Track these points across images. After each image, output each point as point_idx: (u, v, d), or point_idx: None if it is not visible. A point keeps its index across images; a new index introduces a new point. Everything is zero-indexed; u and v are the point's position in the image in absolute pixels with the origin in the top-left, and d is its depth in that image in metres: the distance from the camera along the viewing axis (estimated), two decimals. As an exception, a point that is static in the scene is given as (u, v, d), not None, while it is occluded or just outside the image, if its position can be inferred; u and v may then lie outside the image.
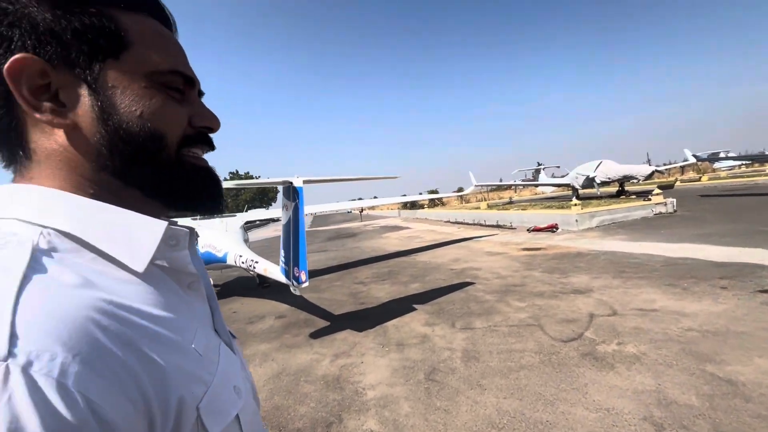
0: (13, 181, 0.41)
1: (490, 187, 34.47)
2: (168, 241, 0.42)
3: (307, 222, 57.46)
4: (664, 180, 27.63)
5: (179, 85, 0.45)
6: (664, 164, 27.37)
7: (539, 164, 29.02)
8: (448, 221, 22.62)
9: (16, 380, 0.26)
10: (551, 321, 4.56)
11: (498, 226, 16.42)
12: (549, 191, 29.32)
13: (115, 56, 0.40)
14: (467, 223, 19.76)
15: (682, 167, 29.70)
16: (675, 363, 3.23)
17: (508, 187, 37.33)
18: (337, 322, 5.53)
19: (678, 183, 25.20)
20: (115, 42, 0.40)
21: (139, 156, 0.42)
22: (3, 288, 0.30)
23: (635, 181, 21.02)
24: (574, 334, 4.08)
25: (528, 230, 13.47)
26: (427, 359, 3.92)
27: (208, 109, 0.49)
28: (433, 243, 13.71)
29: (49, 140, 0.40)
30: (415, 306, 5.88)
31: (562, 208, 13.50)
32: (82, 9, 0.39)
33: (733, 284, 5.10)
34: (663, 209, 12.73)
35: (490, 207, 20.98)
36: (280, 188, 5.17)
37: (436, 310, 5.53)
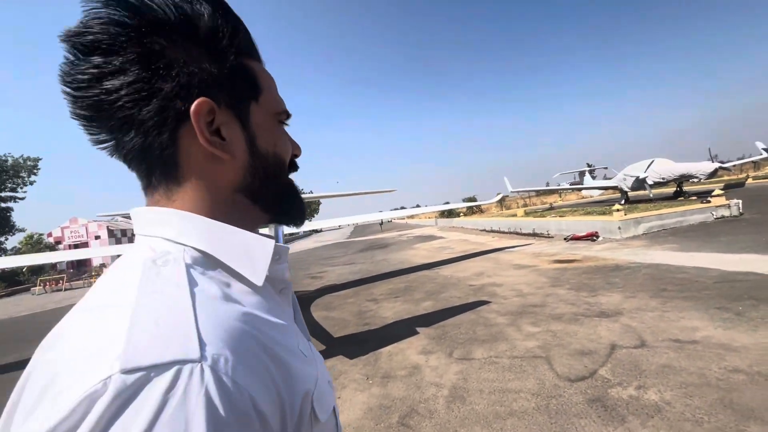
0: (150, 203, 0.46)
1: (529, 193, 32.72)
2: (274, 257, 0.47)
3: (345, 233, 58.40)
4: (733, 178, 24.57)
5: (285, 120, 0.54)
6: (730, 161, 24.22)
7: (589, 165, 27.04)
8: (484, 230, 21.66)
9: (209, 377, 0.31)
10: (562, 352, 3.93)
11: (534, 235, 15.36)
12: (596, 194, 27.18)
13: (256, 99, 0.49)
14: (503, 232, 18.75)
15: (755, 162, 26.09)
16: (707, 419, 2.55)
17: (553, 192, 35.22)
18: (333, 347, 5.22)
19: (750, 180, 22.14)
20: (256, 87, 0.49)
21: (270, 180, 0.51)
22: (181, 300, 0.35)
23: (696, 180, 18.84)
24: (586, 372, 3.44)
25: (565, 239, 12.40)
26: (409, 397, 3.48)
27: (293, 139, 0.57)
28: (461, 254, 13.04)
29: (206, 169, 0.45)
30: (419, 329, 5.42)
31: (604, 214, 12.28)
32: (235, 60, 0.47)
33: (805, 308, 4.14)
34: (726, 212, 11.13)
35: (527, 214, 19.74)
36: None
37: (439, 335, 5.05)
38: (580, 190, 25.39)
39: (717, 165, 18.43)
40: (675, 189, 20.36)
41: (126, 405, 0.29)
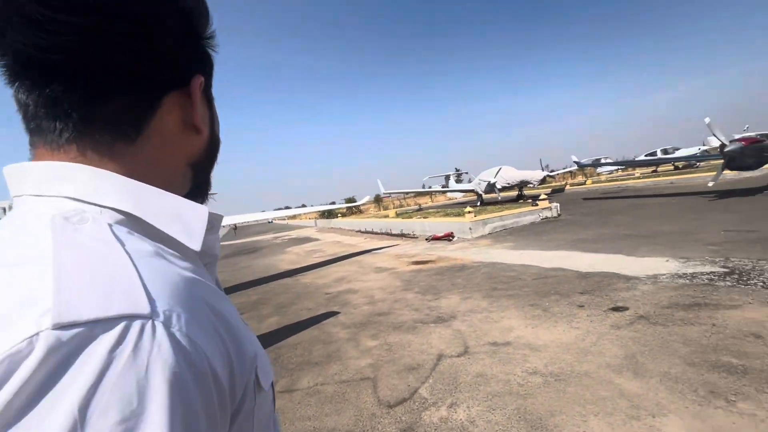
0: (46, 158, 0.39)
1: (405, 195, 34.73)
2: (207, 225, 0.44)
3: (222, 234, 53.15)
4: (557, 184, 30.18)
5: None
6: (555, 170, 29.89)
7: (457, 170, 29.89)
8: (359, 231, 21.84)
9: (161, 334, 0.28)
10: (392, 370, 3.72)
11: (402, 236, 15.97)
12: (459, 197, 30.29)
13: (210, 82, 0.51)
14: (375, 233, 19.12)
15: (571, 172, 32.87)
16: (503, 436, 2.50)
17: (426, 194, 38.09)
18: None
19: (568, 186, 27.61)
20: (212, 69, 0.51)
21: (213, 158, 0.53)
22: (115, 253, 0.31)
23: (531, 185, 22.35)
24: (407, 393, 3.24)
25: (426, 239, 13.11)
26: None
27: None
28: (329, 258, 12.65)
29: (176, 139, 0.45)
30: (251, 354, 4.69)
31: (459, 215, 13.39)
32: (207, 40, 0.49)
33: (591, 301, 4.81)
34: (549, 214, 13.26)
35: (398, 215, 20.63)
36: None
37: (271, 360, 4.40)
38: (444, 192, 28.00)
39: (546, 173, 22.23)
40: (517, 193, 23.85)
41: (63, 367, 0.25)
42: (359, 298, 6.74)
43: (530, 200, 14.07)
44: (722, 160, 11.08)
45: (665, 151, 33.67)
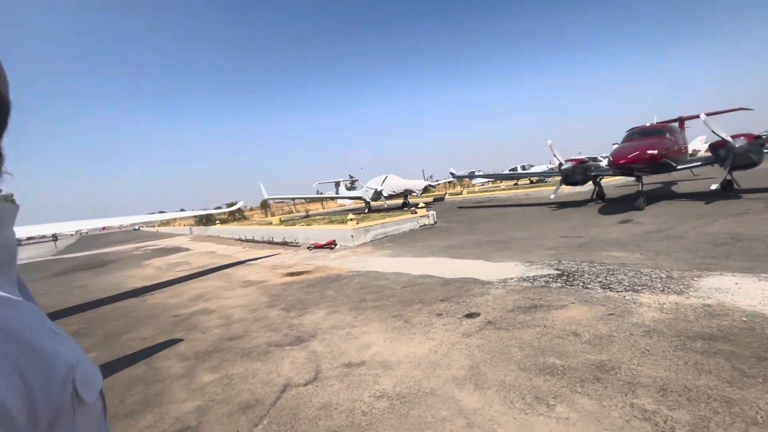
0: None
1: (294, 200, 33.48)
2: None
3: (64, 244, 43.28)
4: (438, 193, 32.68)
5: None
6: (437, 180, 32.48)
7: (351, 177, 29.83)
8: (240, 239, 20.02)
9: None
10: (223, 412, 3.08)
11: (285, 244, 15.05)
12: (349, 203, 30.44)
13: None
14: (257, 241, 17.71)
15: (450, 182, 36.25)
16: (330, 486, 2.12)
17: (318, 200, 37.34)
18: None
19: (447, 196, 30.17)
20: None
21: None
22: None
23: (415, 194, 23.59)
24: (232, 442, 2.66)
25: (309, 248, 12.52)
26: None
27: None
28: (195, 271, 11.09)
29: None
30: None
31: (342, 223, 13.16)
32: None
33: (449, 308, 4.90)
34: (426, 221, 13.97)
35: (282, 222, 19.54)
36: None
37: (62, 417, 3.32)
38: (333, 199, 27.89)
39: (427, 183, 23.75)
40: (403, 201, 24.94)
41: None
42: (213, 319, 5.83)
43: (411, 208, 14.68)
44: (560, 177, 13.20)
45: (524, 167, 39.56)
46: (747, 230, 6.77)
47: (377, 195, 21.99)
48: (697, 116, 15.10)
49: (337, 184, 27.84)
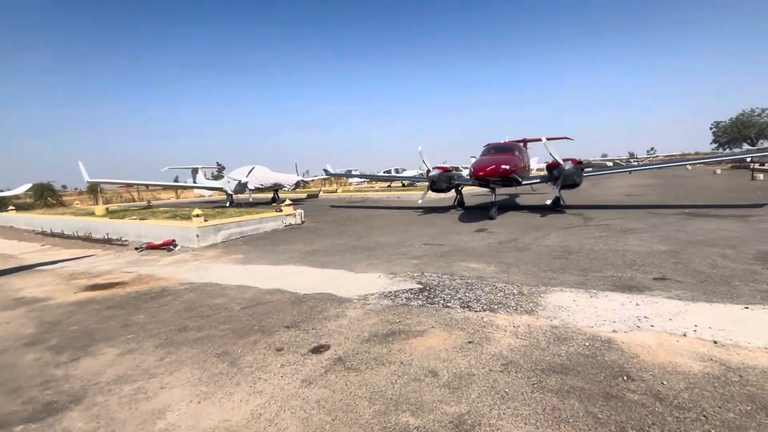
0: None
1: (137, 186, 27.82)
2: None
3: None
4: (313, 190, 31.49)
5: None
6: (316, 176, 31.30)
7: (218, 164, 25.96)
8: (44, 232, 15.20)
9: None
10: None
11: (107, 242, 11.80)
12: (208, 194, 26.73)
13: None
14: (69, 237, 13.61)
15: (325, 179, 35.49)
16: None
17: (175, 188, 31.80)
18: None
19: (322, 193, 29.27)
20: None
21: None
22: None
23: (286, 188, 21.91)
24: None
25: (137, 249, 9.93)
26: None
27: None
28: (-65, 282, 7.50)
29: None
30: None
31: (187, 219, 10.90)
32: None
33: (294, 339, 3.92)
34: (293, 221, 12.73)
35: (110, 213, 15.57)
36: None
37: None
38: (185, 188, 23.94)
39: (300, 178, 22.34)
40: (272, 196, 22.95)
41: None
42: None
43: (276, 205, 13.23)
44: (427, 183, 13.65)
45: (397, 171, 41.39)
46: (575, 243, 7.66)
47: (241, 187, 19.58)
48: (539, 139, 17.66)
49: (195, 171, 23.96)
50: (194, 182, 24.71)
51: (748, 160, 24.55)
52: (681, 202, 13.49)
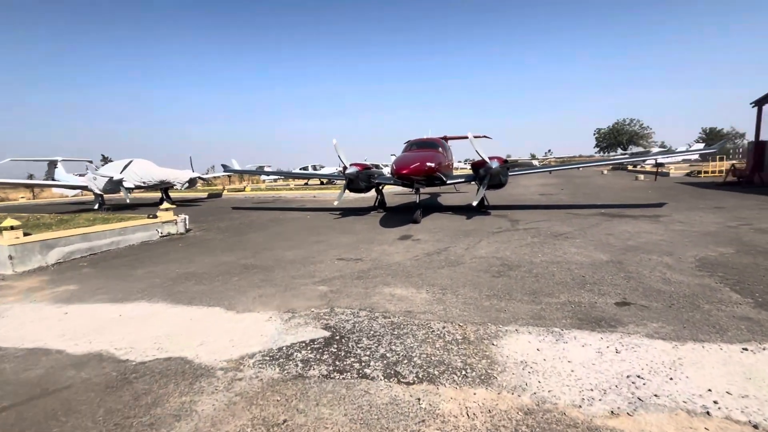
0: None
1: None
2: None
3: None
4: (215, 188, 27.68)
5: None
6: (216, 172, 27.44)
7: (104, 157, 20.62)
8: None
9: None
10: None
11: None
12: (71, 194, 21.56)
13: None
14: None
15: (229, 176, 31.58)
16: None
17: (30, 186, 25.01)
18: None
19: (226, 192, 25.69)
20: None
21: None
22: None
23: (177, 187, 18.40)
24: None
25: None
26: None
27: None
28: None
29: None
30: None
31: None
32: None
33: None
34: (172, 229, 10.00)
35: None
36: None
37: None
38: (41, 186, 18.62)
39: (196, 174, 18.94)
40: (161, 196, 19.15)
41: None
42: None
43: (162, 207, 10.33)
44: (344, 181, 12.00)
45: (315, 167, 38.93)
46: (511, 254, 6.65)
47: (113, 185, 15.67)
48: (462, 137, 17.08)
49: (52, 164, 18.88)
50: (53, 179, 19.51)
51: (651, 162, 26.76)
52: (591, 201, 13.90)
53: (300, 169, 39.31)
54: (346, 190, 12.11)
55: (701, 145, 43.68)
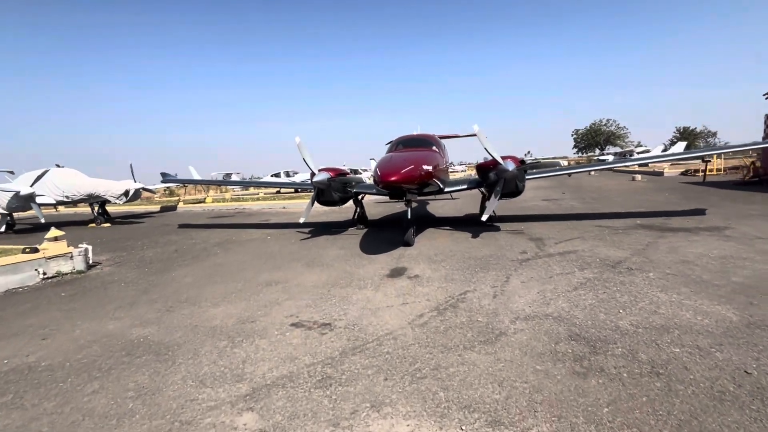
0: None
1: None
2: None
3: None
4: (170, 200, 24.32)
5: None
6: (163, 185, 23.97)
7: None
8: None
9: None
10: None
11: None
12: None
13: None
14: None
15: (185, 186, 28.01)
16: None
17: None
18: None
19: (182, 204, 22.31)
20: None
21: None
22: None
23: (115, 201, 15.20)
24: None
25: None
26: None
27: None
28: None
29: None
30: None
31: None
32: None
33: None
34: (65, 267, 7.03)
35: None
36: None
37: None
38: None
39: (139, 185, 15.74)
40: (98, 210, 15.84)
41: None
42: None
43: (27, 248, 7.35)
44: (313, 192, 9.35)
45: (287, 174, 35.83)
46: (572, 308, 4.15)
47: (21, 201, 12.41)
48: (452, 136, 14.65)
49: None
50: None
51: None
52: (609, 208, 11.72)
53: (271, 176, 36.16)
54: (315, 203, 9.43)
55: (683, 144, 43.14)
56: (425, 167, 7.67)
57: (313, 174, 8.85)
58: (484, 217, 7.71)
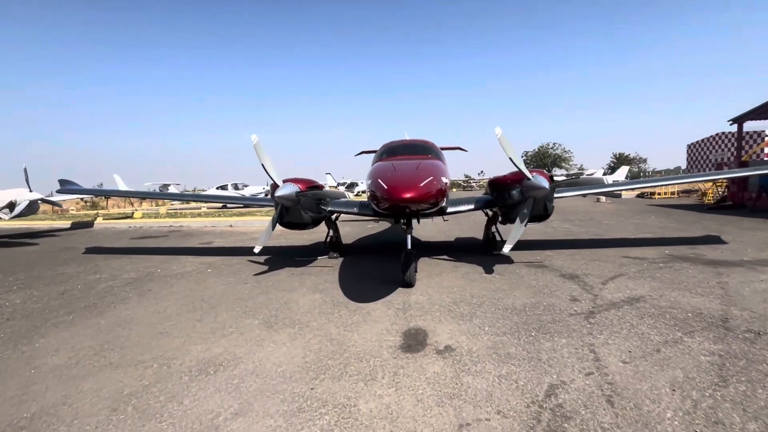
0: None
1: None
2: None
3: None
4: (83, 215, 20.18)
5: None
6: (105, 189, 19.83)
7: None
8: None
9: None
10: None
11: None
12: None
13: None
14: None
15: (107, 198, 23.74)
16: None
17: None
18: None
19: (100, 220, 18.28)
20: None
21: None
22: None
23: (1, 216, 11.55)
24: None
25: None
26: None
27: None
28: None
29: None
30: None
31: None
32: None
33: None
34: None
35: None
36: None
37: None
38: None
39: (35, 196, 12.16)
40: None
41: None
42: None
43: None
44: (276, 210, 7.00)
45: (236, 186, 32.34)
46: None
47: None
48: (452, 148, 12.64)
49: None
50: None
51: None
52: (612, 233, 10.49)
53: (217, 188, 32.49)
54: (277, 225, 7.01)
55: (626, 168, 45.60)
56: (443, 180, 5.69)
57: (275, 186, 6.47)
58: (507, 249, 5.82)
